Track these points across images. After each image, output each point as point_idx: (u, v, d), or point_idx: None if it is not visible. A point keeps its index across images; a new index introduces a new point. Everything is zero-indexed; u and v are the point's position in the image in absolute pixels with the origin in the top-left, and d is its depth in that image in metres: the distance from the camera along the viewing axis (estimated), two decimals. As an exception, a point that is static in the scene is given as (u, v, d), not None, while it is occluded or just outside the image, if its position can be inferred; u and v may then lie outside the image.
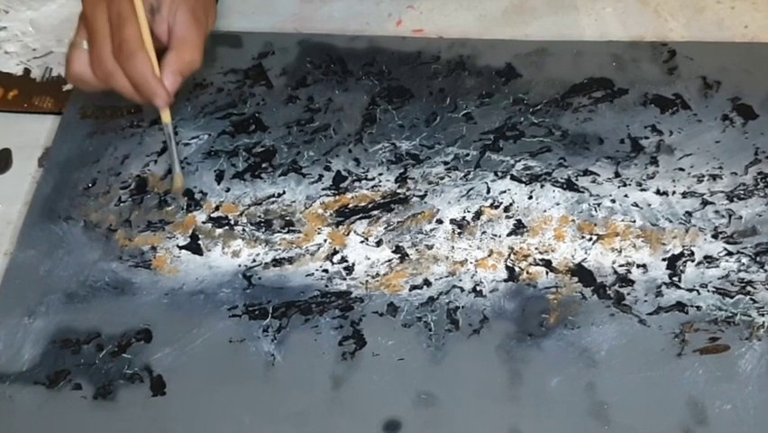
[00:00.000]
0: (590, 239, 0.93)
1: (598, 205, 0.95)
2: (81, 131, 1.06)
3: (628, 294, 0.90)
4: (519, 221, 0.95)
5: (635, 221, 0.94)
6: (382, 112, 1.04)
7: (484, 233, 0.95)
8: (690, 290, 0.90)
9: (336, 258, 0.94)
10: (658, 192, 0.96)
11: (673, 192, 0.96)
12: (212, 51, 1.12)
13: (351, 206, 0.98)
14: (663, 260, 0.92)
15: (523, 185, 0.97)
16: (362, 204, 0.98)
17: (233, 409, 0.86)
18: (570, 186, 0.97)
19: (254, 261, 0.95)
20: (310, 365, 0.88)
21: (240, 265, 0.95)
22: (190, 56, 0.94)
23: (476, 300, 0.91)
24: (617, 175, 0.97)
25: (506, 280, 0.92)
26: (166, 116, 0.95)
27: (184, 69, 0.94)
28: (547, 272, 0.92)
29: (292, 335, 0.90)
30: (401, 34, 1.13)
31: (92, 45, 0.92)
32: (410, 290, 0.92)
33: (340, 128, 1.03)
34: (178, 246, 0.97)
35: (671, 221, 0.94)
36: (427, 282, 0.92)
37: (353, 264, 0.94)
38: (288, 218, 0.97)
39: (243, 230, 0.97)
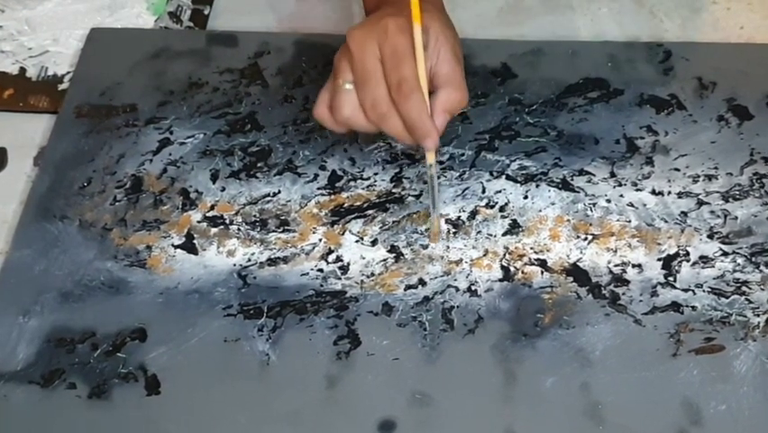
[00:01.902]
0: (586, 239, 0.93)
1: (594, 205, 0.95)
2: (77, 130, 1.06)
3: (623, 294, 0.90)
4: (515, 221, 0.95)
5: (630, 221, 0.94)
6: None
7: (479, 232, 0.95)
8: (686, 291, 0.90)
9: (331, 257, 0.94)
10: (653, 192, 0.96)
11: (669, 192, 0.96)
12: (207, 51, 1.12)
13: (346, 205, 0.98)
14: (659, 260, 0.92)
15: (518, 185, 0.97)
16: (358, 203, 0.98)
17: (227, 409, 0.86)
18: (565, 186, 0.97)
19: (249, 260, 0.95)
20: (305, 365, 0.88)
21: (235, 264, 0.95)
22: (459, 95, 0.87)
23: (471, 300, 0.91)
24: (613, 175, 0.97)
25: (501, 280, 0.92)
26: (431, 158, 0.89)
27: (454, 108, 0.88)
28: (542, 272, 0.92)
29: (287, 334, 0.90)
30: (397, 34, 1.13)
31: (364, 87, 0.86)
32: (405, 290, 0.92)
33: (336, 128, 1.03)
34: (173, 245, 0.97)
35: (666, 221, 0.94)
36: (422, 282, 0.92)
37: (348, 264, 0.94)
38: (283, 218, 0.97)
39: (239, 229, 0.97)
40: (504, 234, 0.94)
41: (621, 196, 0.96)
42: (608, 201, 0.96)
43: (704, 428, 0.82)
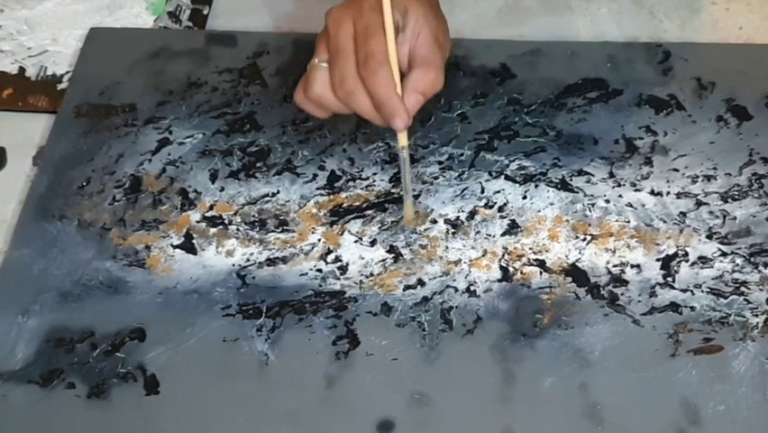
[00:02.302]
0: (585, 239, 0.93)
1: (593, 205, 0.95)
2: (76, 130, 1.06)
3: (622, 294, 0.90)
4: (513, 221, 0.95)
5: (629, 221, 0.94)
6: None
7: (478, 233, 0.95)
8: (684, 291, 0.90)
9: (330, 258, 0.94)
10: (652, 193, 0.96)
11: (668, 193, 0.96)
12: (206, 51, 1.12)
13: (345, 205, 0.98)
14: (658, 260, 0.92)
15: (517, 185, 0.98)
16: (357, 203, 0.98)
17: (226, 409, 0.86)
18: (564, 186, 0.97)
19: (248, 260, 0.95)
20: (304, 365, 0.88)
21: (234, 264, 0.95)
22: (434, 77, 0.88)
23: (470, 300, 0.91)
24: (612, 175, 0.97)
25: (500, 281, 0.92)
26: (402, 139, 0.89)
27: (427, 89, 0.88)
28: (541, 272, 0.92)
29: (286, 334, 0.90)
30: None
31: (335, 62, 0.87)
32: (404, 290, 0.92)
33: (334, 128, 1.03)
34: (172, 245, 0.97)
35: (665, 221, 0.94)
36: (421, 282, 0.92)
37: (347, 264, 0.94)
38: (282, 218, 0.97)
39: (237, 229, 0.97)
40: (503, 235, 0.94)
41: (620, 196, 0.96)
42: (607, 201, 0.96)
43: (703, 429, 0.82)
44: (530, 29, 1.12)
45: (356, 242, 0.95)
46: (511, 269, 0.92)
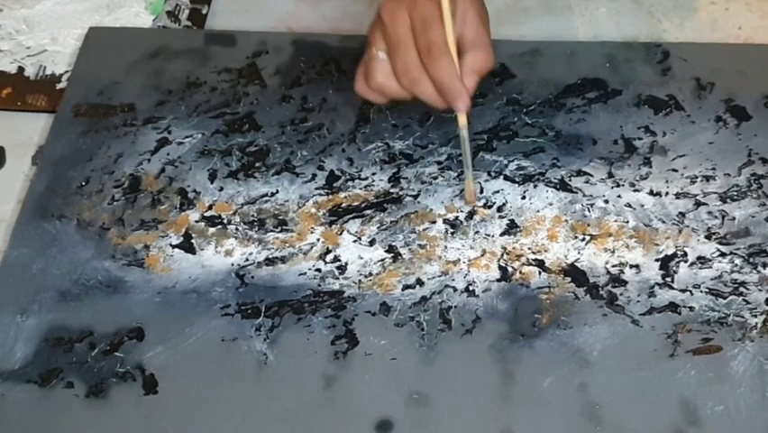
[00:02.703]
0: (583, 239, 0.93)
1: (592, 205, 0.95)
2: (75, 129, 1.06)
3: (621, 294, 0.90)
4: (512, 221, 0.95)
5: (628, 221, 0.94)
6: (376, 112, 1.04)
7: (477, 232, 0.95)
8: (683, 291, 0.90)
9: (329, 257, 0.94)
10: (651, 193, 0.96)
11: (666, 193, 0.96)
12: (205, 50, 1.12)
13: (344, 205, 0.98)
14: (656, 260, 0.92)
15: (516, 185, 0.98)
16: (355, 203, 0.98)
17: (225, 408, 0.86)
18: (563, 186, 0.97)
19: (247, 260, 0.95)
20: (302, 365, 0.88)
21: (233, 264, 0.95)
22: (485, 57, 0.92)
23: (469, 300, 0.91)
24: (611, 175, 0.97)
25: (498, 280, 0.92)
26: (462, 119, 0.92)
27: (481, 69, 0.92)
28: (540, 272, 0.92)
29: (284, 334, 0.90)
30: (395, 34, 1.13)
31: (396, 52, 0.90)
32: (403, 290, 0.92)
33: (333, 128, 1.03)
34: (171, 245, 0.97)
35: (664, 222, 0.94)
36: (420, 282, 0.92)
37: (346, 264, 0.94)
38: (281, 217, 0.97)
39: (236, 229, 0.97)
40: (502, 235, 0.95)
41: (619, 196, 0.96)
42: (606, 202, 0.96)
43: (701, 429, 0.82)
44: (529, 29, 1.12)
45: (355, 242, 0.95)
46: (510, 269, 0.92)
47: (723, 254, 0.92)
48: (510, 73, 1.06)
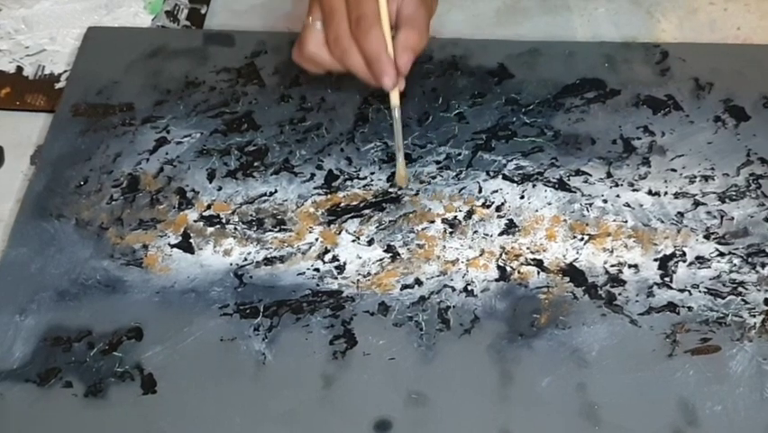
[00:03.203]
0: (582, 239, 0.93)
1: (590, 205, 0.95)
2: (73, 129, 1.06)
3: (620, 294, 0.90)
4: (511, 221, 0.95)
5: (626, 221, 0.94)
6: (374, 111, 1.04)
7: (476, 232, 0.95)
8: (682, 291, 0.90)
9: (328, 257, 0.94)
10: (650, 193, 0.96)
11: (665, 193, 0.96)
12: (204, 50, 1.12)
13: (342, 205, 0.98)
14: (655, 260, 0.92)
15: (515, 185, 0.98)
16: (354, 203, 0.98)
17: (223, 408, 0.86)
18: (562, 186, 0.97)
19: (246, 259, 0.95)
20: (301, 364, 0.88)
21: (231, 264, 0.95)
22: (419, 35, 0.91)
23: (467, 300, 0.91)
24: (609, 175, 0.97)
25: (497, 280, 0.92)
26: (394, 98, 0.93)
27: (415, 48, 0.91)
28: (539, 272, 0.92)
29: (283, 334, 0.90)
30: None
31: (329, 23, 0.91)
32: (401, 290, 0.92)
33: (332, 127, 1.03)
34: (169, 245, 0.97)
35: (662, 221, 0.94)
36: (419, 282, 0.92)
37: (345, 263, 0.94)
38: (279, 217, 0.97)
39: (235, 229, 0.97)
40: (500, 234, 0.94)
41: (618, 196, 0.96)
42: (605, 201, 0.96)
43: (700, 429, 0.82)
44: (528, 29, 1.12)
45: (353, 241, 0.95)
46: (508, 268, 0.92)
47: (722, 254, 0.92)
48: (509, 73, 1.06)
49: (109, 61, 1.12)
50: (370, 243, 0.95)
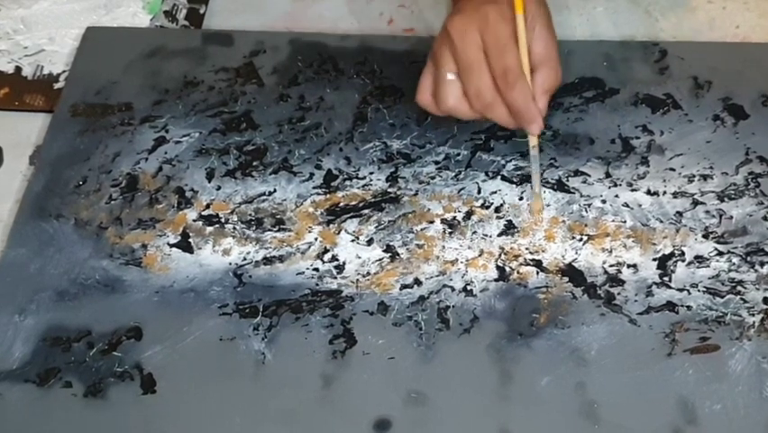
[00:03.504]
0: (581, 239, 0.93)
1: (589, 205, 0.95)
2: (72, 129, 1.06)
3: (619, 294, 0.90)
4: (510, 221, 0.95)
5: (625, 221, 0.94)
6: (373, 111, 1.04)
7: (475, 233, 0.95)
8: (681, 290, 0.90)
9: (327, 257, 0.94)
10: (649, 192, 0.96)
11: (664, 192, 0.96)
12: (203, 50, 1.12)
13: (341, 204, 0.98)
14: (654, 260, 0.92)
15: (514, 185, 0.98)
16: (353, 203, 0.98)
17: (223, 408, 0.86)
18: (560, 186, 0.97)
19: (245, 259, 0.95)
20: (300, 364, 0.88)
21: (230, 263, 0.95)
22: (555, 75, 0.91)
23: (466, 300, 0.91)
24: (608, 175, 0.97)
25: (496, 280, 0.92)
26: (534, 140, 0.93)
27: (552, 88, 0.91)
28: (538, 272, 0.92)
29: (282, 333, 0.90)
30: (392, 33, 1.13)
31: (468, 76, 0.88)
32: (401, 290, 0.92)
33: (331, 127, 1.03)
34: (168, 244, 0.97)
35: (661, 221, 0.94)
36: (418, 282, 0.92)
37: (344, 263, 0.94)
38: (278, 217, 0.97)
39: (234, 228, 0.97)
40: (499, 235, 0.95)
41: (616, 196, 0.96)
42: (604, 202, 0.96)
43: (699, 428, 0.82)
44: (527, 28, 1.12)
45: (353, 241, 0.95)
46: (508, 269, 0.92)
47: (720, 253, 0.92)
48: (508, 72, 1.06)
49: (108, 61, 1.12)
50: (370, 242, 0.95)
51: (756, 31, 1.10)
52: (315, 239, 0.96)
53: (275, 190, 0.99)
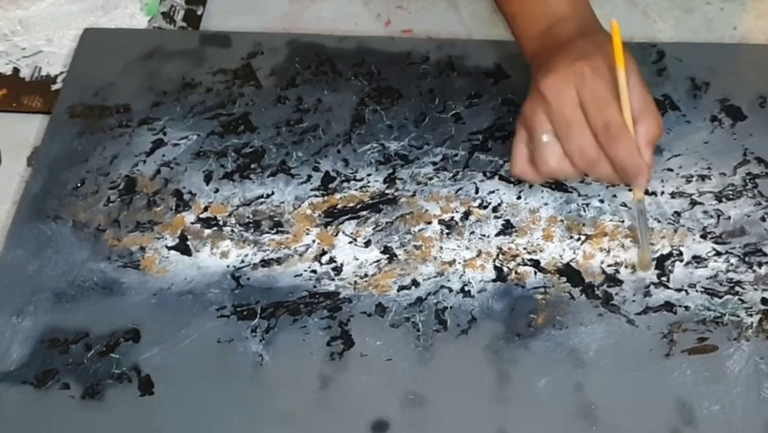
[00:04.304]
0: (579, 239, 0.93)
1: (587, 205, 0.96)
2: (70, 130, 1.06)
3: (617, 294, 0.90)
4: (508, 221, 0.95)
5: (623, 221, 0.94)
6: (371, 112, 1.04)
7: (472, 233, 0.95)
8: (679, 290, 0.90)
9: (325, 258, 0.94)
10: (647, 192, 0.96)
11: (662, 192, 0.96)
12: (200, 51, 1.12)
13: (339, 206, 0.98)
14: (652, 260, 0.92)
15: (511, 185, 0.98)
16: (351, 204, 0.98)
17: (221, 410, 0.86)
18: (558, 186, 0.97)
19: (243, 261, 0.95)
20: (298, 366, 0.88)
21: (228, 266, 0.95)
22: (657, 125, 0.87)
23: (464, 301, 0.91)
24: (606, 175, 0.97)
25: (494, 281, 0.92)
26: (639, 194, 0.89)
27: (654, 140, 0.87)
28: (535, 273, 0.92)
29: (280, 335, 0.90)
30: (390, 35, 1.13)
31: (567, 135, 0.85)
32: (398, 291, 0.92)
33: (329, 128, 1.03)
34: (166, 247, 0.96)
35: (659, 221, 0.94)
36: (415, 283, 0.92)
37: (342, 265, 0.94)
38: (276, 219, 0.97)
39: (232, 231, 0.97)
40: (497, 235, 0.95)
41: (614, 196, 0.96)
42: (601, 201, 0.96)
43: (697, 428, 0.82)
44: (524, 29, 1.12)
45: (350, 243, 0.95)
46: (505, 269, 0.92)
47: (718, 254, 0.92)
48: (505, 74, 1.06)
49: (106, 63, 1.12)
50: (367, 244, 0.95)
51: (754, 32, 1.10)
52: (313, 241, 0.96)
53: (273, 193, 0.99)
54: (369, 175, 1.00)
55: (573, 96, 0.85)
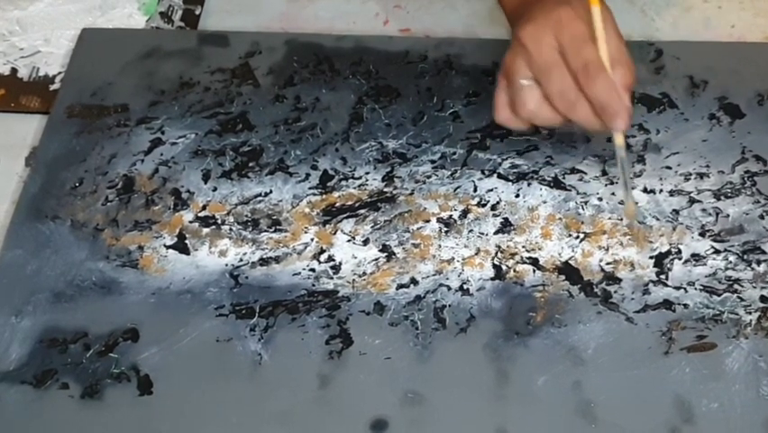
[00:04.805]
0: (578, 237, 0.93)
1: (586, 203, 0.96)
2: (68, 130, 1.06)
3: (615, 292, 0.90)
4: (506, 219, 0.95)
5: (622, 219, 0.94)
6: (369, 111, 1.04)
7: (471, 231, 0.95)
8: (678, 288, 0.90)
9: (323, 257, 0.94)
10: (645, 190, 0.96)
11: (660, 190, 0.96)
12: (198, 51, 1.12)
13: (338, 205, 0.98)
14: (651, 258, 0.92)
15: (510, 183, 0.98)
16: (349, 203, 0.98)
17: (219, 409, 0.86)
18: (557, 184, 0.97)
19: (241, 260, 0.95)
20: (297, 364, 0.88)
21: (227, 264, 0.95)
22: (630, 72, 0.89)
23: (463, 299, 0.91)
24: (605, 173, 0.97)
25: (493, 279, 0.92)
26: (621, 139, 0.90)
27: (629, 86, 0.89)
28: (534, 271, 0.92)
29: (279, 334, 0.90)
30: (388, 33, 1.13)
31: (547, 78, 0.87)
32: (397, 289, 0.92)
33: (327, 127, 1.03)
34: (165, 246, 0.96)
35: (658, 219, 0.94)
36: (414, 281, 0.92)
37: (340, 263, 0.94)
38: (274, 217, 0.97)
39: (230, 229, 0.97)
40: (496, 233, 0.95)
41: (613, 194, 0.96)
42: (600, 199, 0.96)
43: (696, 426, 0.82)
44: (522, 28, 1.12)
45: (349, 241, 0.95)
46: (504, 267, 0.92)
47: (717, 251, 0.92)
48: (504, 72, 1.06)
49: (103, 63, 1.12)
50: (366, 242, 0.95)
51: (752, 30, 1.10)
52: (312, 239, 0.96)
53: (271, 191, 0.99)
54: (367, 173, 1.00)
55: (552, 42, 0.86)
